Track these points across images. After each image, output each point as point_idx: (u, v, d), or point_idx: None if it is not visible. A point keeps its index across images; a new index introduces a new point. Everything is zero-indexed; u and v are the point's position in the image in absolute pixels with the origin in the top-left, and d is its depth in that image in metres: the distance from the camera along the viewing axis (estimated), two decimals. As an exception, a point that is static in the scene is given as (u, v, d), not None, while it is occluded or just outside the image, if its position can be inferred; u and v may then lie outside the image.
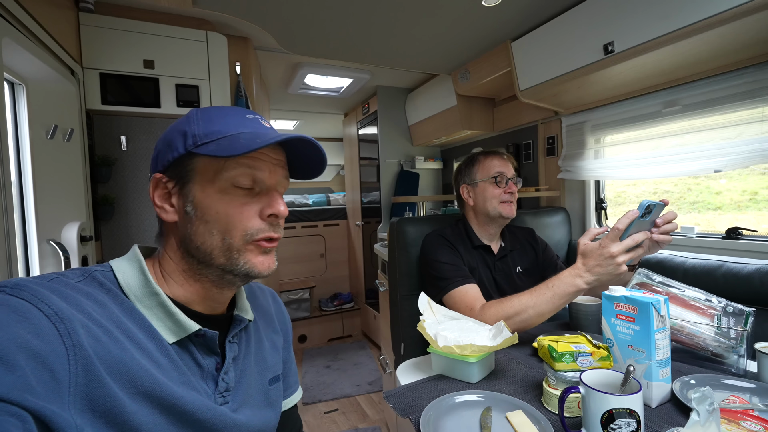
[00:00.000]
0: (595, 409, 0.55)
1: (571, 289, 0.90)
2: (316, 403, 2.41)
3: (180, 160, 0.50)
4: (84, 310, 0.41)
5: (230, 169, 0.49)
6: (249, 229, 0.50)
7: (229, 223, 0.49)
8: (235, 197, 0.50)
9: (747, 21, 1.00)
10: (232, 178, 0.50)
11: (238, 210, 0.50)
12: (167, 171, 0.51)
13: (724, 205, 1.57)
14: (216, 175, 0.49)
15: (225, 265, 0.50)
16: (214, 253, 0.50)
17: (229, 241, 0.50)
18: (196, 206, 0.49)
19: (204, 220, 0.49)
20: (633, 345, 0.69)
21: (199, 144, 0.49)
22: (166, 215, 0.51)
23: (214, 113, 0.52)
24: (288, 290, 3.33)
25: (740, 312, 0.83)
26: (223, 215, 0.49)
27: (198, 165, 0.50)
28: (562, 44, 1.49)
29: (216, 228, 0.49)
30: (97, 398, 0.38)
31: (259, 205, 0.51)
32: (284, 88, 2.79)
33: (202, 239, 0.50)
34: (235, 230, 0.50)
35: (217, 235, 0.49)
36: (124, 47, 1.56)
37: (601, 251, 0.86)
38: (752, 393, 0.69)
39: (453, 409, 0.69)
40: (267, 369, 0.61)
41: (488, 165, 1.24)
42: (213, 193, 0.49)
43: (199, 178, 0.50)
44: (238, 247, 0.50)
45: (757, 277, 1.15)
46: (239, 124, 0.51)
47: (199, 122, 0.50)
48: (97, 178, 1.54)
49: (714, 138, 1.35)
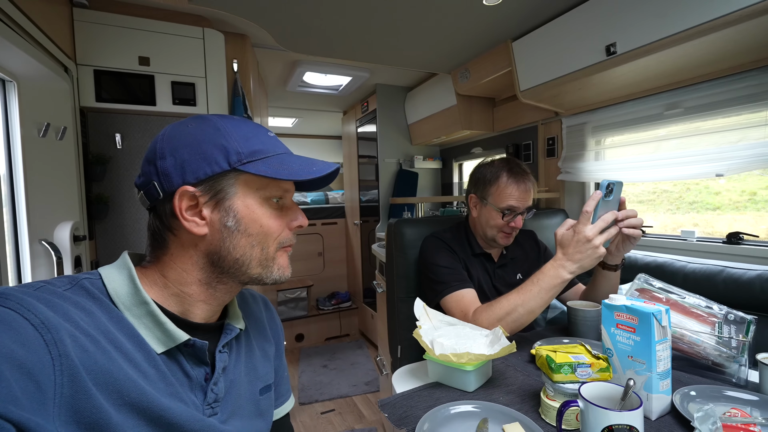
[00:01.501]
0: (594, 424, 0.54)
1: (556, 281, 0.91)
2: (312, 403, 2.40)
3: (221, 174, 0.50)
4: (71, 319, 0.40)
5: (272, 187, 0.53)
6: (281, 237, 0.55)
7: (269, 235, 0.53)
8: (271, 211, 0.54)
9: (750, 24, 0.98)
10: (270, 196, 0.54)
11: (276, 223, 0.54)
12: (201, 184, 0.49)
13: (723, 206, 1.56)
14: (257, 191, 0.52)
15: (260, 274, 0.54)
16: (252, 264, 0.53)
17: (267, 251, 0.54)
18: (240, 220, 0.51)
19: (247, 233, 0.52)
20: (633, 356, 0.68)
21: (246, 162, 0.50)
22: (197, 228, 0.50)
23: (244, 129, 0.53)
24: (285, 289, 3.32)
25: (741, 320, 0.81)
26: (265, 228, 0.53)
27: (241, 180, 0.51)
28: (563, 45, 1.47)
29: (256, 240, 0.52)
30: (82, 410, 0.38)
31: (287, 219, 0.56)
32: (282, 86, 2.76)
33: (243, 251, 0.52)
34: (272, 241, 0.54)
35: (257, 247, 0.53)
36: (118, 44, 1.54)
37: (577, 237, 0.87)
38: (753, 406, 0.68)
39: (448, 420, 0.67)
40: (258, 378, 0.60)
41: (505, 194, 1.12)
42: (256, 209, 0.52)
43: (242, 194, 0.51)
44: (273, 257, 0.55)
45: (758, 283, 1.14)
46: (270, 143, 0.54)
47: (236, 138, 0.51)
48: (91, 177, 1.52)
49: (716, 141, 1.34)
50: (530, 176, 1.17)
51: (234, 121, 0.53)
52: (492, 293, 1.19)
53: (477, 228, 1.22)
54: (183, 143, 0.49)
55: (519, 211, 1.13)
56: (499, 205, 1.12)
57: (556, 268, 0.91)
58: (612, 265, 1.03)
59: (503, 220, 1.13)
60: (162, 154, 0.49)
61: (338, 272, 3.80)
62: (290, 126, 4.00)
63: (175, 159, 0.49)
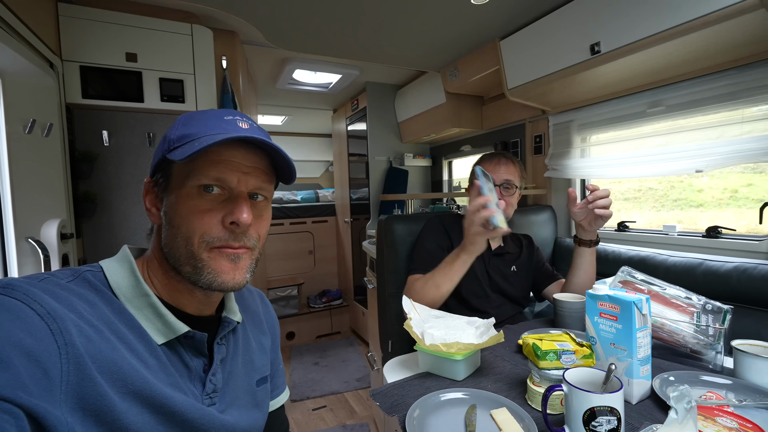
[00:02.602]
0: (578, 406, 0.56)
1: (453, 257, 1.05)
2: (303, 400, 2.41)
3: (160, 165, 0.51)
4: (75, 309, 0.41)
5: (197, 174, 0.48)
6: (206, 235, 0.49)
7: (190, 228, 0.48)
8: (201, 203, 0.49)
9: (727, 25, 1.02)
10: (199, 184, 0.49)
11: (199, 216, 0.48)
12: (154, 175, 0.53)
13: (706, 203, 1.61)
14: (185, 179, 0.49)
15: (191, 273, 0.49)
16: (181, 260, 0.49)
17: (191, 248, 0.48)
18: (167, 210, 0.51)
19: (172, 224, 0.50)
20: (615, 343, 0.71)
21: (172, 149, 0.49)
22: (153, 218, 0.53)
23: (195, 117, 0.52)
24: (276, 287, 3.31)
25: (718, 310, 0.85)
26: (186, 220, 0.48)
27: (174, 170, 0.51)
28: (549, 44, 1.50)
29: (180, 233, 0.49)
30: (88, 397, 0.39)
31: (223, 212, 0.49)
32: (272, 83, 2.75)
33: (172, 244, 0.50)
34: (194, 236, 0.48)
35: (181, 240, 0.49)
36: (105, 39, 1.52)
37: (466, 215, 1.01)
38: (728, 389, 0.71)
39: (438, 407, 0.69)
40: (254, 370, 0.61)
41: (499, 170, 1.24)
42: (182, 198, 0.49)
43: (174, 183, 0.51)
44: (199, 255, 0.49)
45: (735, 275, 1.18)
46: (213, 125, 0.50)
47: (178, 126, 0.51)
48: (77, 174, 1.50)
49: (696, 138, 1.38)
50: (507, 157, 1.28)
51: (201, 112, 0.53)
52: (484, 277, 1.25)
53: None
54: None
55: (496, 182, 1.22)
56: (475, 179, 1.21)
57: (456, 250, 1.05)
58: (586, 241, 1.13)
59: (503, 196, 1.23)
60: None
61: (329, 270, 3.80)
62: (280, 124, 3.98)
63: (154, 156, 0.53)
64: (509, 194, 1.23)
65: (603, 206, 1.02)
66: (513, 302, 1.28)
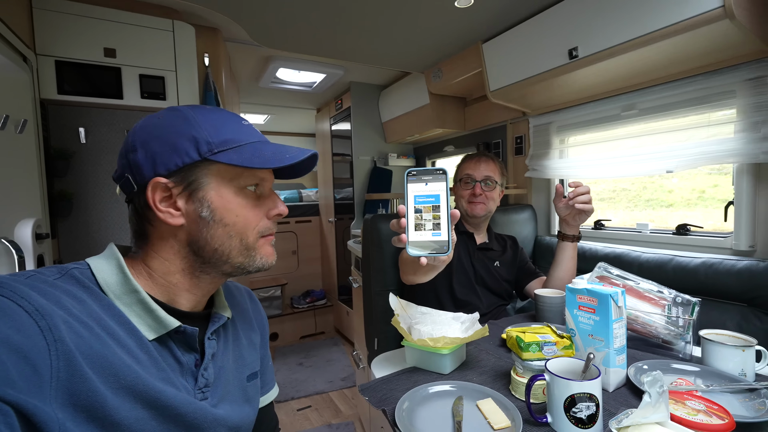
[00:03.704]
0: (559, 394, 0.59)
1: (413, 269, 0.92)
2: (288, 400, 2.39)
3: (192, 165, 0.50)
4: (64, 306, 0.41)
5: (246, 176, 0.53)
6: (261, 229, 0.55)
7: (247, 225, 0.54)
8: (247, 201, 0.54)
9: (696, 33, 1.08)
10: (245, 185, 0.54)
11: (253, 213, 0.54)
12: (172, 175, 0.50)
13: (676, 203, 1.69)
14: (231, 181, 0.52)
15: (243, 263, 0.54)
16: (233, 254, 0.53)
17: (246, 242, 0.54)
18: (214, 211, 0.51)
19: (223, 223, 0.52)
20: (593, 334, 0.74)
21: (216, 152, 0.50)
22: (172, 219, 0.50)
23: (215, 118, 0.52)
24: (259, 288, 3.27)
25: (687, 302, 0.90)
26: (242, 218, 0.53)
27: (213, 171, 0.51)
28: (530, 47, 1.54)
29: (234, 230, 0.53)
30: (79, 393, 0.39)
31: (266, 207, 0.57)
32: (255, 82, 2.72)
33: (221, 242, 0.52)
34: (251, 231, 0.54)
35: (235, 237, 0.53)
36: (82, 34, 1.47)
37: None
38: (696, 376, 0.76)
39: (426, 399, 0.71)
40: (245, 366, 0.62)
41: (461, 168, 1.36)
42: (231, 198, 0.52)
43: (215, 184, 0.51)
44: (254, 245, 0.55)
45: (702, 269, 1.25)
46: (243, 131, 0.54)
47: (207, 128, 0.50)
48: (53, 172, 1.45)
49: (667, 140, 1.45)
50: (488, 155, 1.35)
51: (205, 111, 0.53)
52: (469, 268, 1.30)
53: (458, 208, 1.36)
54: (153, 135, 0.50)
55: (476, 178, 1.30)
56: (459, 177, 1.35)
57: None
58: (569, 236, 1.18)
59: (465, 190, 1.31)
60: (133, 147, 0.50)
61: (313, 270, 3.79)
62: (262, 123, 3.93)
63: (145, 151, 0.49)
64: (489, 189, 1.31)
65: (583, 201, 1.07)
66: (496, 296, 1.33)
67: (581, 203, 1.07)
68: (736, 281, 1.18)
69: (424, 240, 0.67)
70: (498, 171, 1.34)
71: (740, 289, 1.18)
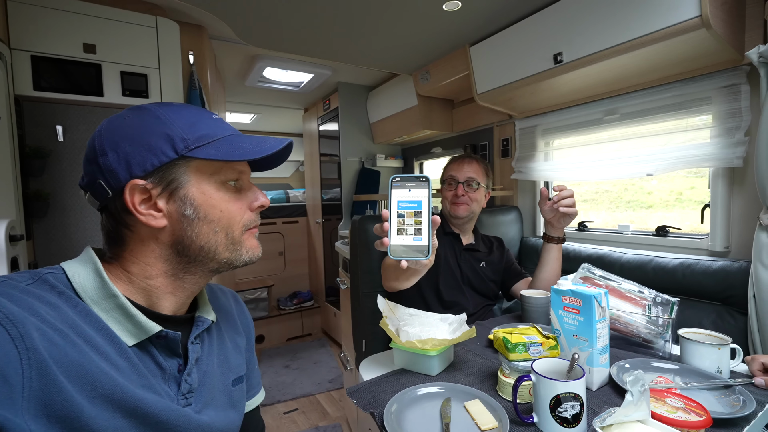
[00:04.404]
0: (545, 394, 0.60)
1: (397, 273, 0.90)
2: (275, 404, 2.36)
3: (170, 164, 0.48)
4: (37, 313, 0.39)
5: (226, 171, 0.53)
6: (246, 221, 0.55)
7: (231, 219, 0.53)
8: (229, 195, 0.54)
9: (675, 41, 1.12)
10: (226, 179, 0.53)
11: (236, 206, 0.54)
12: (150, 176, 0.48)
13: (655, 204, 1.75)
14: (212, 176, 0.52)
15: (229, 258, 0.54)
16: (219, 250, 0.53)
17: (232, 236, 0.54)
18: (198, 208, 0.51)
19: (208, 220, 0.51)
20: (577, 334, 0.76)
21: (193, 148, 0.49)
22: (155, 221, 0.48)
23: (186, 114, 0.51)
24: (245, 290, 3.22)
25: (666, 302, 0.93)
26: (226, 213, 0.53)
27: (192, 167, 0.50)
28: (516, 51, 1.57)
29: (219, 225, 0.52)
30: (53, 403, 0.37)
31: (248, 200, 0.56)
32: (241, 81, 2.68)
33: (207, 239, 0.51)
34: (236, 225, 0.54)
35: (221, 232, 0.52)
36: (60, 28, 1.43)
37: None
38: (675, 373, 0.79)
39: (415, 401, 0.71)
40: (230, 370, 0.60)
41: (446, 169, 1.38)
42: (213, 194, 0.52)
43: (196, 180, 0.51)
44: (239, 239, 0.55)
45: (680, 270, 1.29)
46: (216, 126, 0.53)
47: (180, 125, 0.49)
48: (28, 172, 1.40)
49: (647, 144, 1.50)
50: (472, 157, 1.36)
51: (174, 108, 0.51)
52: (456, 269, 1.31)
53: (444, 209, 1.38)
54: (123, 136, 0.47)
55: (459, 179, 1.31)
56: (442, 178, 1.37)
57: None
58: (554, 238, 1.20)
59: (449, 191, 1.33)
60: (102, 151, 0.47)
61: (300, 271, 3.75)
62: (249, 122, 3.88)
63: (117, 154, 0.47)
64: (472, 190, 1.32)
65: (567, 205, 1.10)
66: (483, 296, 1.34)
67: (565, 207, 1.10)
68: (712, 281, 1.22)
69: (406, 244, 0.70)
70: (482, 172, 1.34)
71: (716, 289, 1.22)
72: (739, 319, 1.17)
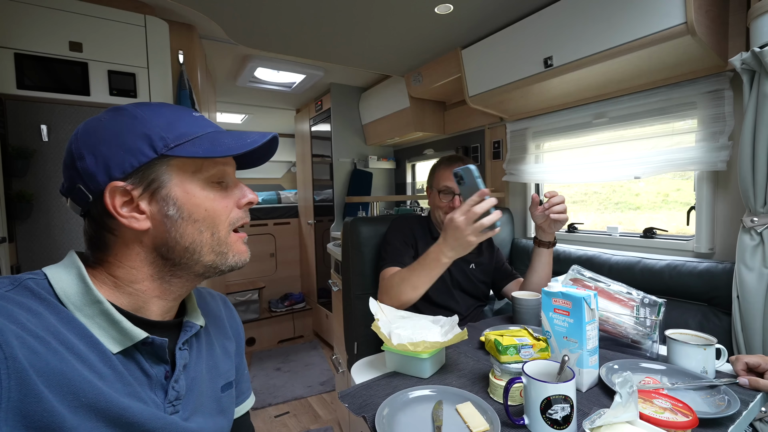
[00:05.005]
0: (535, 396, 0.60)
1: (435, 263, 0.97)
2: (265, 407, 2.34)
3: (150, 164, 0.47)
4: (17, 320, 0.38)
5: (208, 168, 0.51)
6: (233, 219, 0.54)
7: (217, 218, 0.52)
8: (214, 193, 0.52)
9: (661, 47, 1.14)
10: (209, 177, 0.52)
11: (222, 204, 0.52)
12: (129, 177, 0.47)
13: (643, 205, 1.78)
14: (194, 174, 0.50)
15: (215, 261, 0.52)
16: (204, 251, 0.51)
17: (218, 236, 0.52)
18: (181, 207, 0.49)
19: (192, 219, 0.50)
20: (568, 336, 0.77)
21: (173, 146, 0.48)
22: (138, 224, 0.47)
23: (164, 113, 0.50)
24: (235, 291, 3.19)
25: (654, 303, 0.94)
26: (211, 211, 0.51)
27: (174, 166, 0.49)
28: (507, 55, 1.58)
29: (205, 225, 0.51)
30: (32, 414, 0.36)
31: (234, 198, 0.55)
32: (232, 81, 2.66)
33: (192, 239, 0.50)
34: (222, 224, 0.52)
35: (206, 232, 0.51)
36: (45, 26, 1.40)
37: (448, 224, 0.92)
38: (662, 374, 0.80)
39: (406, 404, 0.71)
40: (219, 376, 0.60)
41: (441, 176, 1.28)
42: (197, 193, 0.50)
43: (178, 180, 0.49)
44: (226, 240, 0.53)
45: (667, 271, 1.31)
46: (196, 123, 0.52)
47: (158, 123, 0.48)
48: (10, 172, 1.37)
49: (634, 148, 1.52)
50: (464, 160, 1.27)
51: (152, 107, 0.50)
52: (445, 273, 1.25)
53: (433, 214, 1.34)
54: (100, 139, 0.46)
55: (456, 191, 1.25)
56: (437, 187, 1.29)
57: (437, 253, 0.96)
58: (545, 242, 1.20)
59: (443, 201, 1.27)
60: (80, 155, 0.46)
61: (291, 273, 3.73)
62: (240, 122, 3.85)
63: (95, 157, 0.46)
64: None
65: (558, 211, 1.10)
66: (473, 298, 1.34)
67: (556, 213, 1.10)
68: (698, 282, 1.25)
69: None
70: None
71: (701, 290, 1.25)
72: (724, 319, 1.20)
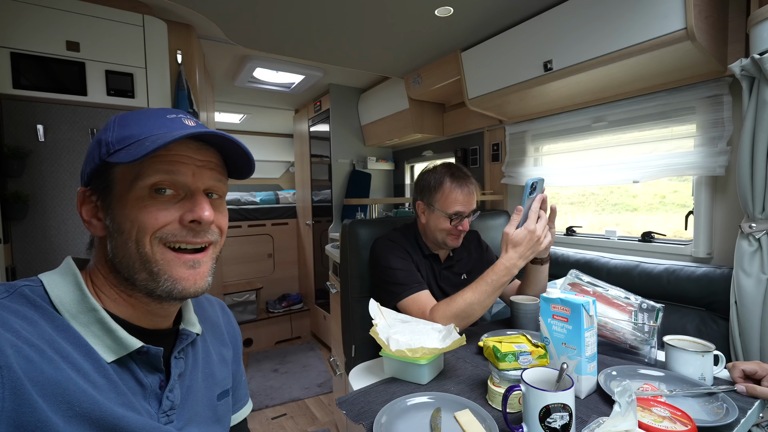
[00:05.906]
0: (534, 405, 0.60)
1: (507, 277, 0.99)
2: (262, 409, 2.33)
3: (98, 171, 0.47)
4: (11, 328, 0.38)
5: (148, 175, 0.45)
6: (159, 231, 0.46)
7: (142, 229, 0.45)
8: (155, 204, 0.46)
9: (661, 52, 1.14)
10: (150, 185, 0.46)
11: (152, 215, 0.45)
12: (91, 183, 0.48)
13: (640, 207, 1.78)
14: (133, 183, 0.45)
15: (147, 281, 0.46)
16: (135, 267, 0.46)
17: (143, 250, 0.45)
18: (114, 218, 0.46)
19: (120, 231, 0.46)
20: (566, 342, 0.76)
21: (112, 152, 0.46)
22: (93, 229, 0.49)
23: (133, 117, 0.49)
24: (233, 292, 3.18)
25: (652, 308, 0.94)
26: (136, 222, 0.45)
27: (116, 175, 0.47)
28: (507, 58, 1.58)
29: (130, 237, 0.45)
30: (26, 424, 0.36)
31: (181, 211, 0.47)
32: (230, 81, 2.65)
33: (122, 252, 0.46)
34: (146, 235, 0.45)
35: (132, 245, 0.45)
36: (42, 25, 1.39)
37: (530, 237, 0.96)
38: (661, 381, 0.80)
39: (405, 411, 0.70)
40: (215, 384, 0.59)
41: (450, 199, 1.16)
42: (130, 202, 0.45)
43: (118, 189, 0.47)
44: (153, 257, 0.46)
45: (665, 275, 1.31)
46: (157, 125, 0.47)
47: (114, 128, 0.47)
48: (6, 172, 1.35)
49: (633, 152, 1.52)
50: (472, 179, 1.21)
51: (136, 112, 0.50)
52: (437, 293, 1.23)
53: (427, 232, 1.24)
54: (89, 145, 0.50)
55: (465, 214, 1.17)
56: (447, 211, 1.16)
57: (509, 267, 0.98)
58: (538, 259, 1.15)
59: (451, 225, 1.17)
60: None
61: (289, 274, 3.72)
62: (238, 122, 3.83)
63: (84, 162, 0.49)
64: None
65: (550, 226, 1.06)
66: None
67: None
68: (696, 287, 1.25)
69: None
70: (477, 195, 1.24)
71: (699, 295, 1.25)
72: (722, 324, 1.20)
